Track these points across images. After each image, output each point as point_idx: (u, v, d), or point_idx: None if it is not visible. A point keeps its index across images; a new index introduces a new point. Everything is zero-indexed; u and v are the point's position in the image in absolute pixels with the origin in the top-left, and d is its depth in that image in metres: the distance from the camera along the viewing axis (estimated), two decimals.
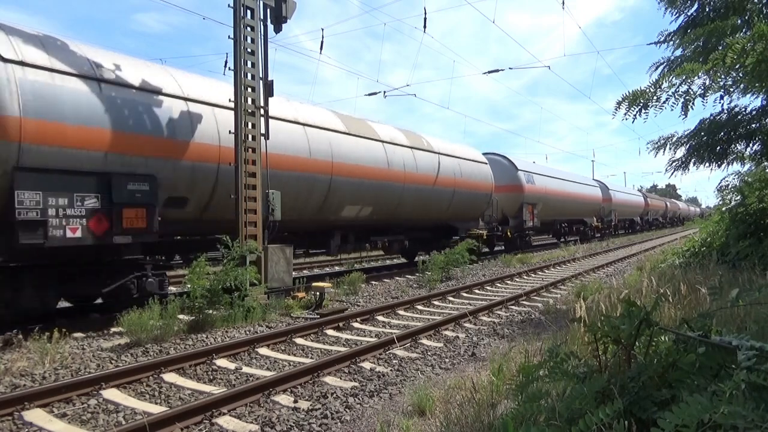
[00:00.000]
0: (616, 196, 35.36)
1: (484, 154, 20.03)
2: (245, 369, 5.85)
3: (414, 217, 15.06)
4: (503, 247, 21.79)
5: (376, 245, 14.60)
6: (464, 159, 17.31)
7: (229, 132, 9.01)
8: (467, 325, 8.21)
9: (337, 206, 11.96)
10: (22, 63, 6.88)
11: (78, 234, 7.25)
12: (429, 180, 15.01)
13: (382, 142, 13.54)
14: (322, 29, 15.85)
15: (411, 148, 14.68)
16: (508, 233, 21.22)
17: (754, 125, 9.70)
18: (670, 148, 10.53)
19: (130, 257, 8.30)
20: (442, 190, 15.69)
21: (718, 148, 10.00)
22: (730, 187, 10.89)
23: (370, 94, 49.64)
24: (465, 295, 11.21)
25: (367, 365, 5.99)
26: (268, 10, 9.44)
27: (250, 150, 9.02)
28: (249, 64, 9.12)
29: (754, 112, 9.69)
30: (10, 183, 6.66)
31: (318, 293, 9.45)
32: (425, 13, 14.48)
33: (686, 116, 8.14)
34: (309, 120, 11.35)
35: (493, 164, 19.58)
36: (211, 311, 8.00)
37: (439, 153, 15.96)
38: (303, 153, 10.86)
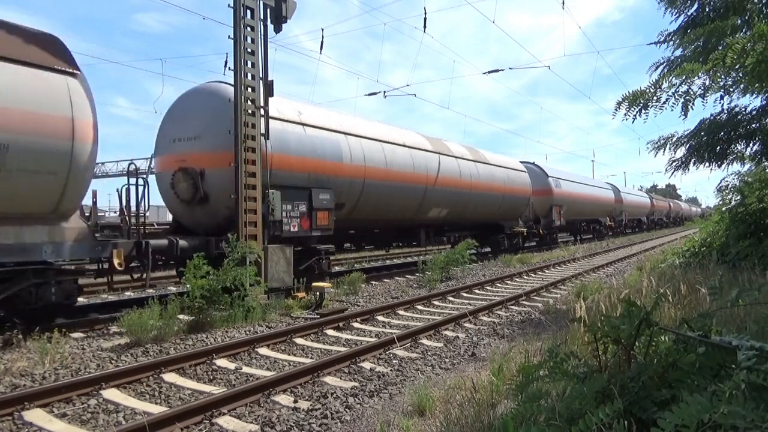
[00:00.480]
0: (626, 197, 38.41)
1: (520, 162, 23.41)
2: (245, 369, 5.85)
3: (475, 217, 18.72)
4: (534, 243, 25.16)
5: (448, 239, 18.00)
6: (510, 168, 20.71)
7: (229, 132, 9.00)
8: (467, 325, 8.21)
9: (427, 208, 15.44)
10: (271, 117, 9.80)
11: (296, 229, 10.58)
12: (487, 187, 18.44)
13: (455, 157, 16.85)
14: (322, 29, 15.87)
15: (473, 161, 18.05)
16: (540, 231, 24.27)
17: (754, 125, 9.70)
18: (670, 148, 10.53)
19: (315, 246, 11.38)
20: (495, 195, 19.12)
21: (718, 148, 9.99)
22: (730, 187, 10.89)
23: (370, 94, 49.60)
24: (465, 295, 11.21)
25: (367, 365, 5.99)
26: (268, 10, 9.44)
27: (250, 150, 9.02)
28: (249, 64, 9.12)
29: (754, 112, 9.69)
30: (264, 194, 9.68)
31: (318, 293, 9.46)
32: (425, 13, 14.50)
33: (686, 116, 8.14)
34: (411, 143, 14.80)
35: (528, 171, 22.61)
36: (211, 311, 8.00)
37: (493, 165, 19.32)
38: (408, 169, 14.23)
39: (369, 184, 12.53)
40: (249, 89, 9.05)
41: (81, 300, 10.74)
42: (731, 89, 8.53)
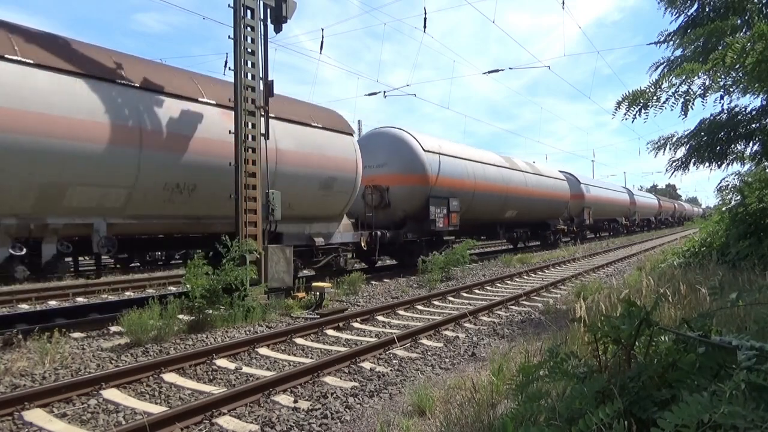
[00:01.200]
0: (639, 200, 44.07)
1: (560, 171, 29.26)
2: (245, 369, 5.85)
3: (532, 216, 23.78)
4: (569, 239, 30.30)
5: (516, 235, 24.01)
6: (554, 178, 26.12)
7: (229, 132, 9.01)
8: (467, 325, 8.21)
9: (504, 211, 20.66)
10: (426, 151, 15.64)
11: (441, 225, 15.62)
12: (541, 193, 23.67)
13: (522, 171, 22.22)
14: (322, 29, 15.89)
15: (532, 173, 23.30)
16: (575, 228, 30.15)
17: (754, 125, 9.70)
18: (670, 148, 10.54)
19: (446, 237, 16.37)
20: (547, 199, 24.28)
21: (718, 148, 10.00)
22: (730, 187, 10.89)
23: (370, 94, 49.69)
24: (465, 295, 11.21)
25: (367, 365, 5.99)
26: (268, 10, 9.44)
27: (250, 150, 9.02)
28: (249, 64, 9.11)
29: (754, 112, 9.69)
30: (426, 202, 15.18)
31: (318, 293, 9.45)
32: (425, 13, 14.52)
33: (686, 116, 8.15)
34: (496, 162, 20.31)
35: (566, 180, 28.09)
36: (211, 311, 8.00)
37: (544, 176, 24.79)
38: (498, 182, 19.59)
39: (476, 194, 17.96)
40: (249, 89, 9.05)
41: (81, 300, 10.76)
42: (731, 89, 8.53)
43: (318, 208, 11.53)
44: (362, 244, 12.95)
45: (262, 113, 9.33)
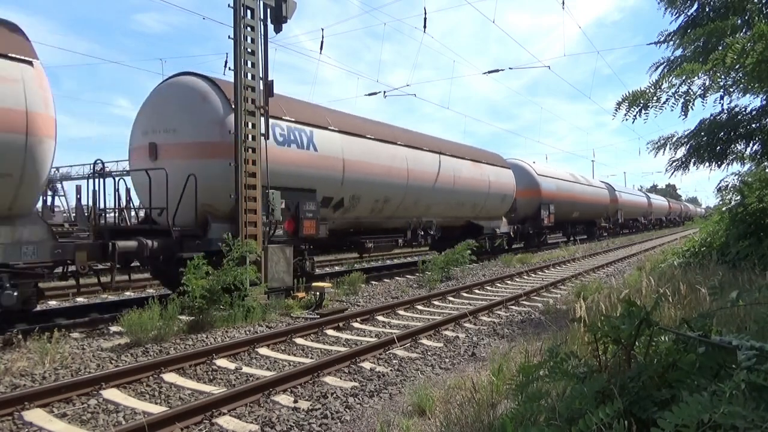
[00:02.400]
0: (653, 202, 51.04)
1: (602, 181, 36.90)
2: (245, 369, 5.85)
3: (585, 217, 30.76)
4: (607, 234, 35.02)
5: (575, 230, 30.25)
6: (599, 187, 32.81)
7: (229, 132, 9.02)
8: (467, 325, 8.21)
9: (572, 212, 27.77)
10: (539, 174, 24.83)
11: (546, 223, 24.16)
12: (592, 200, 31.05)
13: (581, 183, 29.83)
14: (322, 29, 15.88)
15: (586, 185, 30.71)
16: (611, 226, 35.99)
17: (754, 125, 9.70)
18: (670, 148, 10.54)
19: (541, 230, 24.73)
20: (594, 203, 31.69)
21: (718, 148, 10.00)
22: (730, 187, 10.88)
23: (370, 94, 49.68)
24: (465, 295, 11.21)
25: (367, 365, 5.99)
26: (268, 10, 9.44)
27: (250, 150, 9.02)
28: (249, 64, 9.11)
29: (754, 112, 9.69)
30: (539, 207, 23.62)
31: (318, 293, 9.45)
32: (425, 13, 14.52)
33: (686, 116, 8.16)
34: (569, 178, 28.15)
35: (607, 186, 34.71)
36: (211, 311, 8.00)
37: (593, 186, 32.19)
38: (570, 192, 27.03)
39: (560, 201, 25.33)
40: (249, 89, 9.05)
41: (81, 300, 10.75)
42: (731, 89, 8.54)
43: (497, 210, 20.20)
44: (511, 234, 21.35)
45: (262, 113, 9.33)
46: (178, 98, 9.66)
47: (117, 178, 9.62)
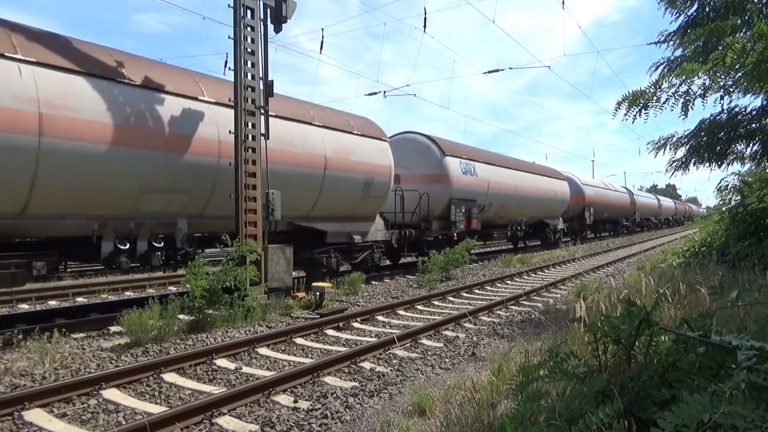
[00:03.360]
0: (662, 203, 55.85)
1: (623, 187, 41.05)
2: (245, 369, 5.85)
3: (612, 217, 36.00)
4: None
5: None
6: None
7: (229, 132, 9.02)
8: (467, 325, 8.21)
9: (603, 213, 32.58)
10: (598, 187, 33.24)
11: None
12: (623, 202, 37.98)
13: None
14: (322, 29, 15.89)
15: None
16: (630, 224, 40.20)
17: (754, 125, 9.69)
18: (670, 149, 10.54)
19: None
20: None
21: (718, 148, 9.99)
22: (730, 187, 10.88)
23: (370, 94, 49.70)
24: (465, 295, 11.21)
25: (367, 365, 5.99)
26: (268, 10, 9.44)
27: (249, 150, 9.02)
28: (249, 64, 9.11)
29: (754, 112, 9.68)
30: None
31: (318, 293, 9.45)
32: (425, 13, 14.52)
33: (686, 116, 8.14)
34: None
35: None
36: (211, 311, 8.00)
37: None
38: (609, 198, 34.24)
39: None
40: (249, 89, 9.05)
41: (81, 300, 10.76)
42: (731, 89, 8.52)
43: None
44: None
45: (262, 113, 9.33)
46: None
47: None
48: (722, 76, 7.78)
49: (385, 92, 20.44)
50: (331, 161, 11.52)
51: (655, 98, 7.72)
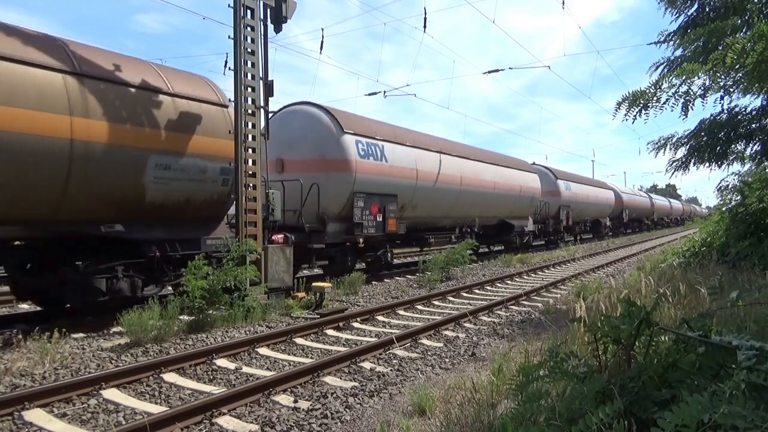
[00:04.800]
0: (673, 205, 62.86)
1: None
2: (245, 369, 5.85)
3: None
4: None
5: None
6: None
7: (229, 132, 9.02)
8: (467, 325, 8.21)
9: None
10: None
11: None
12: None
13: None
14: (322, 29, 15.89)
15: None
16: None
17: (754, 125, 9.69)
18: (670, 149, 10.52)
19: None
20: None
21: (718, 148, 9.98)
22: (730, 187, 10.88)
23: (370, 94, 49.69)
24: (465, 295, 11.21)
25: (367, 365, 5.99)
26: (268, 10, 9.44)
27: (250, 150, 9.02)
28: (249, 64, 9.11)
29: (754, 113, 9.68)
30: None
31: (318, 293, 9.45)
32: (425, 13, 14.49)
33: (686, 117, 8.13)
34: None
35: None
36: (211, 311, 8.00)
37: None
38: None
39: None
40: (249, 89, 9.05)
41: None
42: (731, 89, 8.51)
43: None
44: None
45: (263, 113, 9.33)
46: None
47: None
48: (722, 77, 7.77)
49: (385, 92, 20.45)
50: (519, 188, 19.62)
51: (655, 98, 7.70)
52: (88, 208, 7.54)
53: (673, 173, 11.33)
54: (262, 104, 9.28)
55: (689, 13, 10.31)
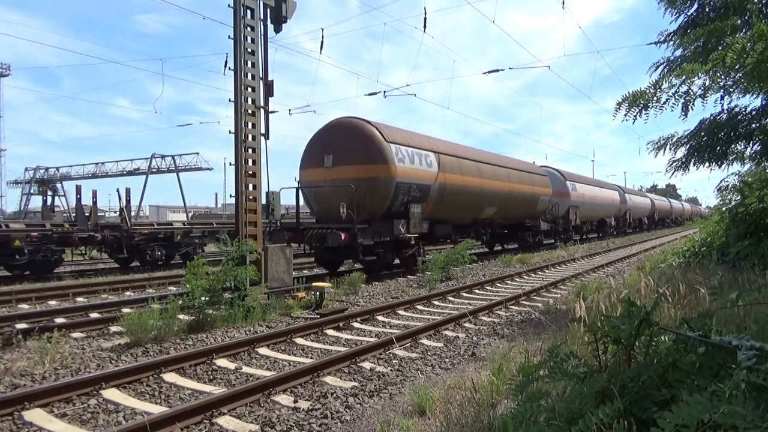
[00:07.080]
0: (683, 207, 68.68)
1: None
2: (245, 369, 5.85)
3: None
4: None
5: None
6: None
7: (230, 132, 9.03)
8: (467, 325, 8.21)
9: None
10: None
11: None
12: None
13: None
14: (322, 29, 15.89)
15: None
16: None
17: (754, 125, 9.68)
18: (670, 149, 10.51)
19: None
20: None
21: (718, 148, 9.97)
22: (730, 187, 10.88)
23: (370, 94, 49.58)
24: (465, 295, 11.21)
25: (367, 365, 5.99)
26: (268, 10, 9.45)
27: (250, 150, 9.03)
28: (249, 64, 9.12)
29: (754, 113, 9.67)
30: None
31: (318, 293, 9.45)
32: (425, 13, 14.50)
33: (686, 117, 8.13)
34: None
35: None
36: (211, 311, 8.00)
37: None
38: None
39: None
40: (249, 89, 9.06)
41: (81, 300, 10.75)
42: (731, 89, 8.51)
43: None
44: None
45: (263, 113, 9.34)
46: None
47: None
48: (722, 77, 7.78)
49: (385, 92, 20.41)
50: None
51: (655, 98, 7.71)
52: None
53: (673, 173, 11.31)
54: (262, 104, 9.29)
55: (689, 13, 10.31)
